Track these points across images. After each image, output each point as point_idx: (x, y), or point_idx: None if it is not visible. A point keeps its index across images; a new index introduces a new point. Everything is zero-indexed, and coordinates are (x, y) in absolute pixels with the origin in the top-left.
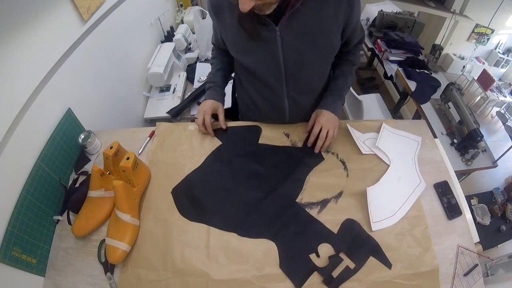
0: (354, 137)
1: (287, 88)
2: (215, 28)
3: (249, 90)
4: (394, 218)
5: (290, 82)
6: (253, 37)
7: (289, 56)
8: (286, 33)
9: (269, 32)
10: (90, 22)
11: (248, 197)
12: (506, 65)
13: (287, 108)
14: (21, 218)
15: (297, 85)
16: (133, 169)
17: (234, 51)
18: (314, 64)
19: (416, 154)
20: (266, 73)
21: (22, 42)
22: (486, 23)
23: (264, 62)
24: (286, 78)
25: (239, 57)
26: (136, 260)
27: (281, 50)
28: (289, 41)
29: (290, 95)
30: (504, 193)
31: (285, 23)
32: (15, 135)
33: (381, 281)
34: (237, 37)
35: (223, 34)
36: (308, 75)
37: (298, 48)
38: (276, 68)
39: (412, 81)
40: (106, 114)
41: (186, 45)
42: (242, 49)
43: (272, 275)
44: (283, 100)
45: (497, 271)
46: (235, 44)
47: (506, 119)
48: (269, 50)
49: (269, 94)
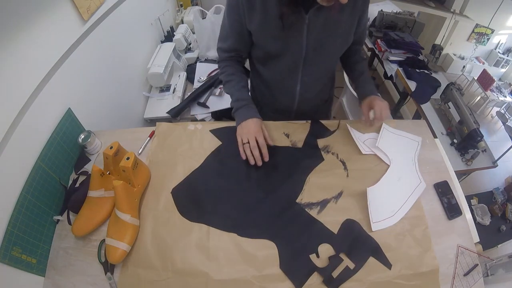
0: (354, 137)
1: (302, 73)
2: (241, 20)
3: (264, 73)
4: (394, 218)
5: (306, 67)
6: (288, 24)
7: (311, 44)
8: (313, 22)
9: (299, 20)
10: (90, 22)
11: (248, 197)
12: (506, 65)
13: (298, 92)
14: (21, 218)
15: (311, 71)
16: (133, 169)
17: (261, 37)
18: (329, 53)
19: (416, 154)
20: (288, 57)
21: (22, 42)
22: (486, 23)
23: (288, 47)
24: (304, 63)
25: (265, 43)
26: (136, 260)
27: (305, 37)
28: (314, 30)
29: (303, 80)
30: (504, 193)
31: (313, 13)
32: (15, 135)
33: (381, 281)
34: (266, 24)
35: (249, 19)
36: (322, 62)
37: (320, 37)
38: (298, 54)
39: (412, 81)
40: (106, 114)
41: (186, 45)
42: (268, 35)
43: (272, 275)
44: (296, 84)
45: (497, 271)
46: (262, 29)
47: (506, 119)
48: (296, 36)
49: (284, 77)
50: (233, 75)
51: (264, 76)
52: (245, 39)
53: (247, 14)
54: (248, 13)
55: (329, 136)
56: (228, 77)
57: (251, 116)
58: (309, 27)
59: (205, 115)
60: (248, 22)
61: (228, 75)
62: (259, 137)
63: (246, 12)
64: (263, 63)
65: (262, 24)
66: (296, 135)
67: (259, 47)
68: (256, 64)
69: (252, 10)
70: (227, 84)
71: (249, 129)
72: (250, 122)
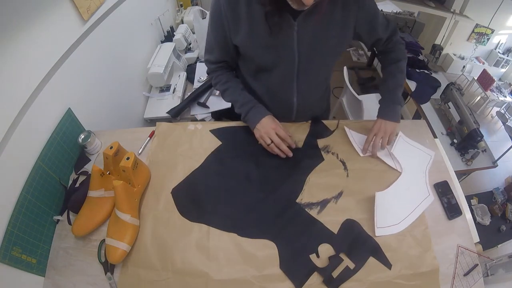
0: (352, 140)
1: (297, 83)
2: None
3: (257, 88)
4: (399, 227)
5: (301, 76)
6: (275, 31)
7: (303, 51)
8: (303, 28)
9: (288, 27)
10: (90, 22)
11: (248, 197)
12: (506, 65)
13: (295, 103)
14: (21, 218)
15: (307, 80)
16: (133, 169)
17: (249, 47)
18: (324, 59)
19: (428, 168)
20: (281, 67)
21: (22, 42)
22: (486, 23)
23: (279, 57)
24: (298, 73)
25: (254, 53)
26: (136, 260)
27: (296, 45)
28: (305, 36)
29: (300, 90)
30: (504, 193)
31: (302, 18)
32: (15, 135)
33: (381, 281)
34: (254, 32)
35: (235, 31)
36: (318, 69)
37: (311, 42)
38: (291, 63)
39: (412, 81)
40: (106, 114)
41: (186, 45)
42: (258, 44)
43: (272, 275)
44: (293, 95)
45: (497, 271)
46: (251, 39)
47: (506, 119)
48: (286, 44)
49: (279, 89)
50: (228, 82)
51: (258, 91)
52: (231, 52)
53: (232, 26)
54: (234, 25)
55: (329, 136)
56: (224, 86)
57: (262, 115)
58: (299, 33)
59: (205, 115)
60: (234, 35)
61: (223, 83)
62: (279, 131)
63: (232, 24)
64: (255, 77)
65: (250, 33)
66: (296, 135)
67: (250, 60)
68: (248, 79)
69: (238, 20)
70: (225, 92)
71: (267, 129)
72: (264, 121)
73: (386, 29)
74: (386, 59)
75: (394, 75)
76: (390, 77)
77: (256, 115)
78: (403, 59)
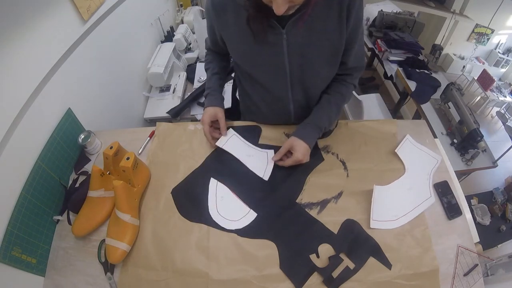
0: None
1: (292, 93)
2: (213, 29)
3: (252, 96)
4: (395, 223)
5: (295, 86)
6: (261, 40)
7: (294, 59)
8: (292, 36)
9: (276, 35)
10: (90, 22)
11: (248, 197)
12: (506, 65)
13: (293, 111)
14: (21, 218)
15: (302, 89)
16: (133, 169)
17: (237, 55)
18: (318, 68)
19: (433, 171)
20: (271, 78)
21: (22, 42)
22: (486, 23)
23: (269, 66)
24: (291, 82)
25: (242, 61)
26: (136, 260)
27: (286, 53)
28: (295, 44)
29: (296, 99)
30: (504, 193)
31: (291, 26)
32: (15, 135)
33: (381, 281)
34: (241, 40)
35: (224, 36)
36: (312, 78)
37: (303, 51)
38: (282, 72)
39: (412, 81)
40: (106, 114)
41: (186, 45)
42: (246, 53)
43: (272, 276)
44: (289, 105)
45: (497, 271)
46: (239, 47)
47: (506, 119)
48: (275, 53)
49: (273, 100)
50: (210, 63)
51: (253, 98)
52: (221, 47)
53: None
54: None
55: (329, 136)
56: (207, 65)
57: (209, 104)
58: (288, 41)
59: None
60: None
61: (207, 63)
62: (205, 126)
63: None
64: (248, 84)
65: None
66: None
67: (237, 65)
68: (244, 84)
69: (226, 27)
70: (206, 72)
71: (202, 117)
72: (206, 110)
73: (359, 60)
74: (335, 87)
75: (330, 107)
76: (327, 105)
77: (207, 103)
78: (347, 99)
